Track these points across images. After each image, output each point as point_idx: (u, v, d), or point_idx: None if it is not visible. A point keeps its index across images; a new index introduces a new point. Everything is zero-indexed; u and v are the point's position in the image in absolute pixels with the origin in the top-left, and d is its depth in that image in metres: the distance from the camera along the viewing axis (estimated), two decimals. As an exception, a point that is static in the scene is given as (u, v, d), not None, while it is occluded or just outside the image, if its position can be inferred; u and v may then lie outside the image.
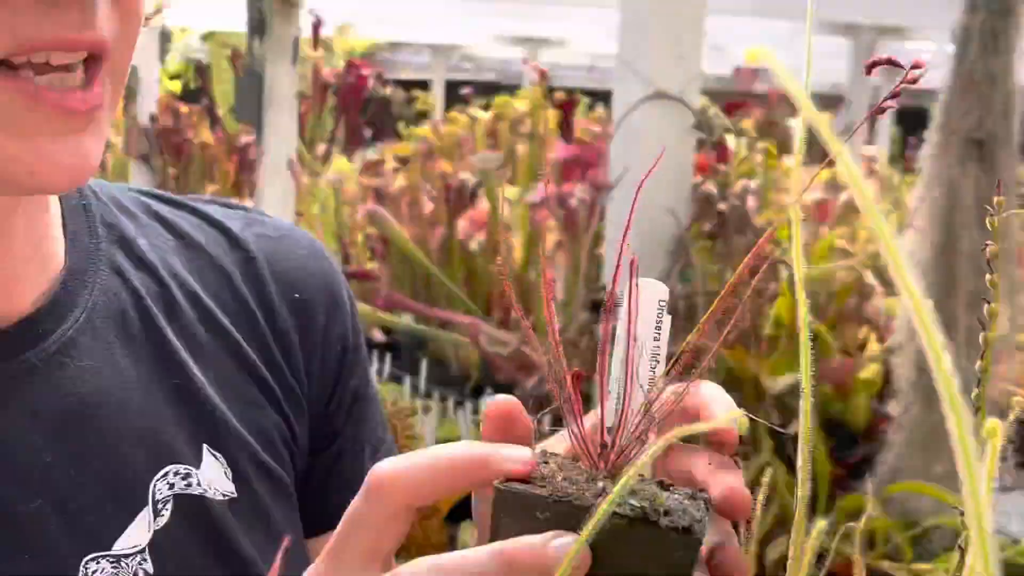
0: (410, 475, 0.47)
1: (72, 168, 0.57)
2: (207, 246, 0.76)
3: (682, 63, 2.25)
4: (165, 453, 0.68)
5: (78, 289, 0.68)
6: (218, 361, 0.73)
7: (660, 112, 2.23)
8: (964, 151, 2.20)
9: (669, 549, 0.45)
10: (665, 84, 2.23)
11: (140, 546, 0.66)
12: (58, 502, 0.63)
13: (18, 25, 0.54)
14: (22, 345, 0.64)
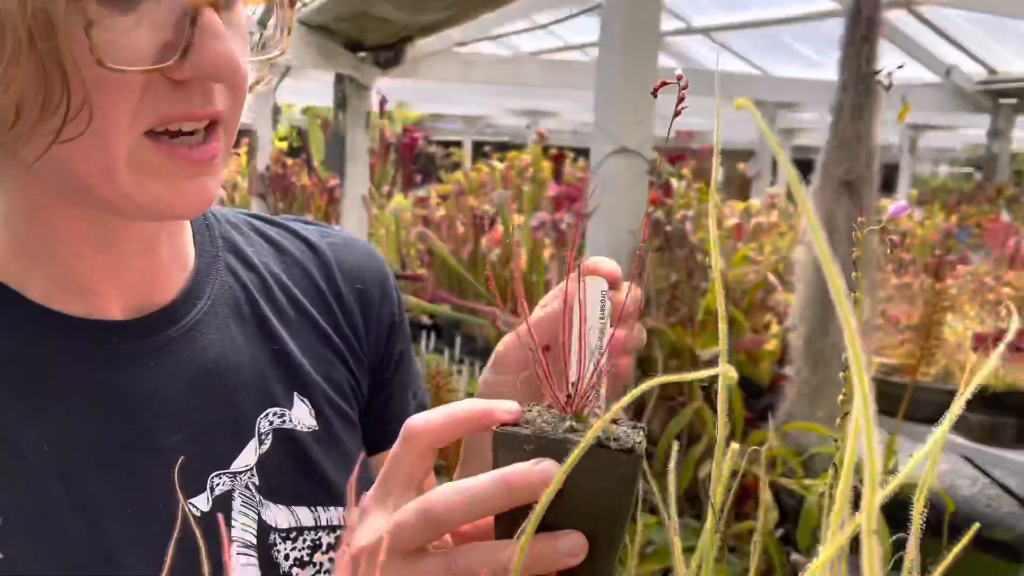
0: (432, 426, 0.47)
1: (198, 201, 0.57)
2: (293, 251, 0.75)
3: (639, 127, 2.24)
4: (267, 399, 0.68)
5: (204, 284, 0.68)
6: (303, 333, 0.72)
7: (624, 162, 2.22)
8: (838, 189, 2.19)
9: (617, 465, 0.45)
10: (627, 142, 2.22)
11: (249, 466, 0.65)
12: (192, 435, 0.63)
13: (159, 107, 0.53)
14: (166, 324, 0.64)
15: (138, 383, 0.61)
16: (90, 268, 0.60)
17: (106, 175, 0.54)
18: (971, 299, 3.23)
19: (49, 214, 0.58)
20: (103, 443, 0.59)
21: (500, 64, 4.46)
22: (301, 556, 0.66)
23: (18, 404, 0.57)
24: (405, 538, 0.44)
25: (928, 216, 5.97)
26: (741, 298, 2.71)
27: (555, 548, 0.44)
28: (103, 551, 0.57)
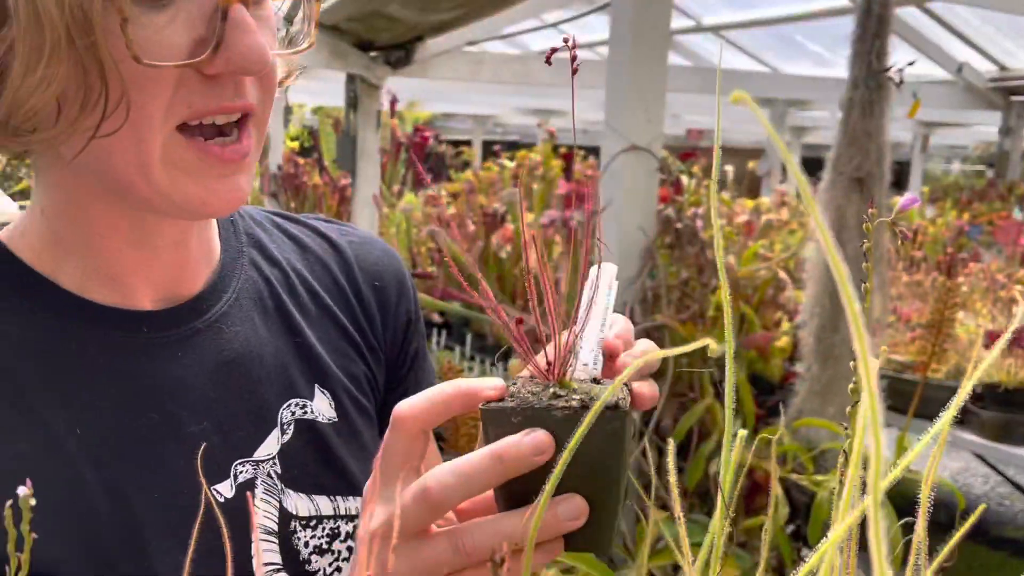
0: (419, 409, 0.47)
1: (230, 199, 0.58)
2: (315, 248, 0.77)
3: (649, 126, 2.24)
4: (289, 390, 0.69)
5: (229, 278, 0.69)
6: (323, 327, 0.73)
7: (634, 160, 2.23)
8: (849, 186, 2.18)
9: (604, 422, 0.45)
10: (637, 140, 2.22)
11: (272, 455, 0.66)
12: (217, 423, 0.64)
13: (192, 100, 0.55)
14: (192, 315, 0.65)
15: (165, 372, 0.62)
16: (124, 261, 0.62)
17: (142, 172, 0.55)
18: (983, 296, 3.22)
19: (87, 210, 0.60)
20: (131, 429, 0.60)
21: (509, 63, 4.46)
22: (320, 544, 0.67)
23: (52, 389, 0.58)
24: (407, 523, 0.45)
25: (940, 214, 5.94)
26: (752, 295, 2.71)
27: (556, 515, 0.45)
28: (132, 533, 0.58)
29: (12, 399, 0.57)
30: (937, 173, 14.00)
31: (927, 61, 4.88)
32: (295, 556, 0.66)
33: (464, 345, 3.34)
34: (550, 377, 0.49)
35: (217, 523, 0.46)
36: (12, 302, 0.60)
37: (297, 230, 0.78)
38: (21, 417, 0.57)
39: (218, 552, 0.48)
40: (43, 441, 0.57)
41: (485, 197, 4.00)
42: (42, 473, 0.55)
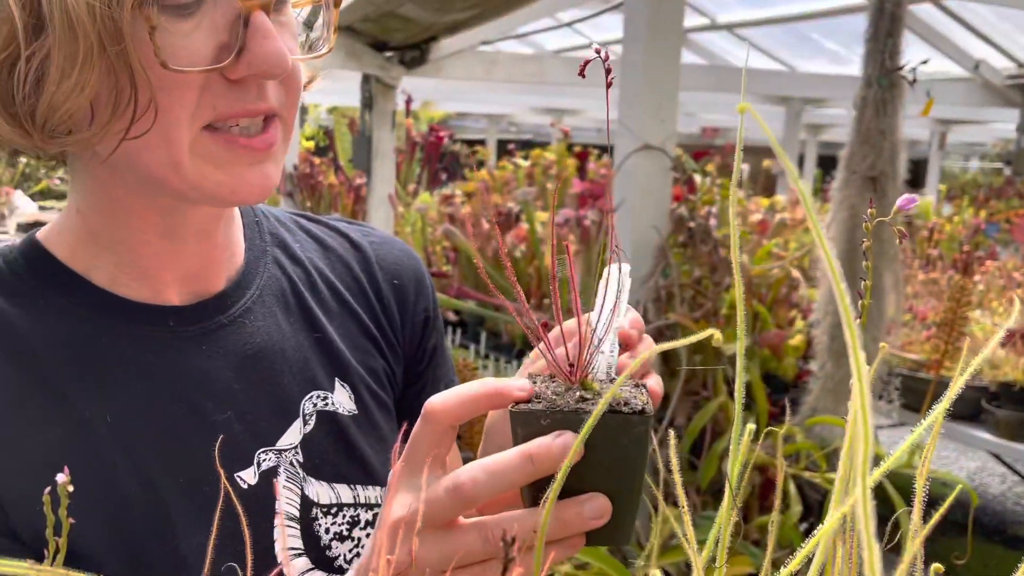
0: (451, 405, 0.48)
1: (259, 186, 0.60)
2: (336, 248, 0.79)
3: (662, 125, 2.25)
4: (310, 383, 0.71)
5: (253, 275, 0.71)
6: (344, 323, 0.75)
7: (647, 159, 2.23)
8: (863, 185, 2.19)
9: (632, 426, 0.47)
10: (650, 139, 2.23)
11: (294, 444, 0.69)
12: (241, 413, 0.66)
13: (217, 104, 0.57)
14: (217, 310, 0.68)
15: (191, 364, 0.65)
16: (154, 254, 0.64)
17: (173, 168, 0.57)
18: (999, 295, 3.21)
19: (121, 203, 0.63)
20: (159, 418, 0.63)
21: (524, 62, 4.47)
22: (340, 531, 0.69)
23: (84, 380, 0.61)
24: (438, 514, 0.47)
25: (957, 211, 5.90)
26: (765, 293, 2.71)
27: (581, 512, 0.47)
28: (160, 516, 0.61)
29: (48, 388, 0.60)
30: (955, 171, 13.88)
31: (944, 58, 4.86)
32: (316, 542, 0.68)
33: (479, 343, 3.36)
34: (573, 378, 0.51)
35: (241, 508, 0.48)
36: (49, 298, 0.62)
37: (319, 230, 0.80)
38: (56, 405, 0.60)
39: (241, 536, 0.50)
40: (76, 428, 0.60)
41: (500, 196, 4.02)
42: (75, 458, 0.58)
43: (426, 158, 5.27)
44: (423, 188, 5.07)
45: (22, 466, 0.57)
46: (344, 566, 0.69)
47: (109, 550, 0.58)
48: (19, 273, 0.63)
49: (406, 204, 4.31)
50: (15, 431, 0.58)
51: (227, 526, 0.47)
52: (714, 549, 0.53)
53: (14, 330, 0.60)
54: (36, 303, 0.62)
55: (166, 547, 0.60)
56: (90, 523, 0.58)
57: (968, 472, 4.41)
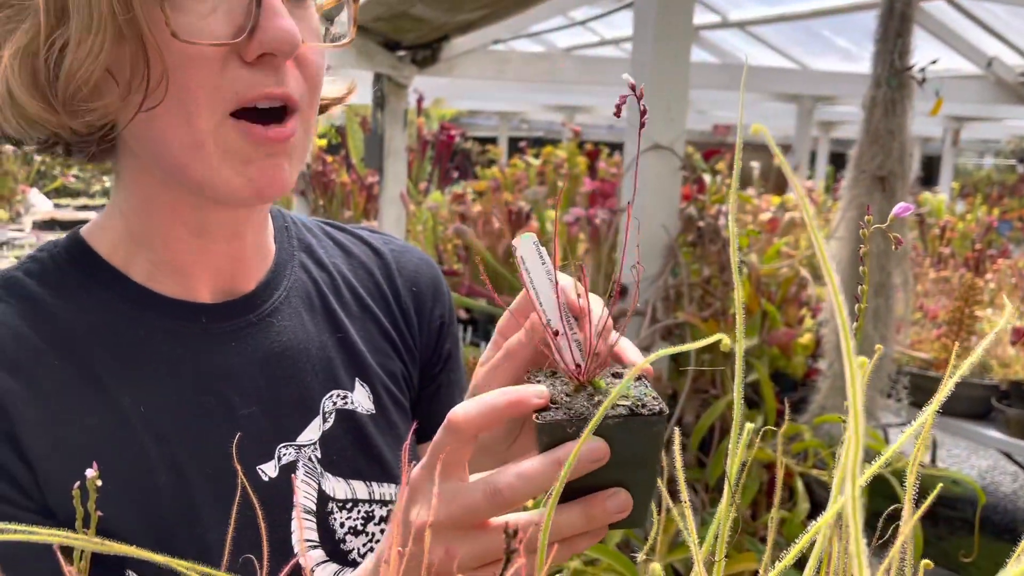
0: (474, 417, 0.50)
1: (275, 181, 0.62)
2: (359, 254, 0.82)
3: (672, 124, 2.26)
4: (332, 381, 0.74)
5: (280, 278, 0.74)
6: (365, 326, 0.78)
7: (657, 158, 2.25)
8: (871, 184, 2.19)
9: (651, 426, 0.51)
10: (660, 139, 2.24)
11: (313, 441, 0.71)
12: (264, 408, 0.69)
13: (238, 89, 0.59)
14: (246, 309, 0.71)
15: (220, 360, 0.68)
16: (187, 251, 0.68)
17: (194, 152, 0.60)
18: (1010, 293, 3.20)
19: (156, 203, 0.66)
20: (189, 410, 0.66)
21: (535, 61, 4.48)
22: (355, 525, 0.72)
23: (121, 370, 0.64)
24: (474, 517, 0.49)
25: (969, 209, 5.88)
26: (774, 292, 2.72)
27: (606, 508, 0.50)
28: (187, 504, 0.64)
29: (88, 377, 0.63)
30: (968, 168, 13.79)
31: (956, 56, 4.84)
32: (331, 535, 0.71)
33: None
34: (582, 377, 0.53)
35: (261, 500, 0.51)
36: (91, 291, 0.66)
37: (344, 237, 0.83)
38: (95, 394, 0.63)
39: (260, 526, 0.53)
40: (111, 417, 0.63)
41: (511, 194, 4.03)
42: (110, 445, 0.62)
43: (437, 156, 5.29)
44: (434, 186, 5.09)
45: (61, 449, 0.60)
46: (358, 560, 0.72)
47: (139, 535, 0.61)
48: (63, 268, 0.66)
49: (417, 202, 4.33)
50: (56, 416, 0.61)
51: (248, 516, 0.50)
52: (714, 544, 0.54)
53: (58, 321, 0.64)
54: (78, 296, 0.65)
55: (192, 534, 0.63)
56: (122, 508, 0.61)
57: (979, 471, 4.40)
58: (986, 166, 14.40)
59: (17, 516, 0.58)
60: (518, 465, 0.49)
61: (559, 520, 0.49)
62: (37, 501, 0.59)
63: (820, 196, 4.72)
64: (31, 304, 0.64)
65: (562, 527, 0.50)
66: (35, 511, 0.59)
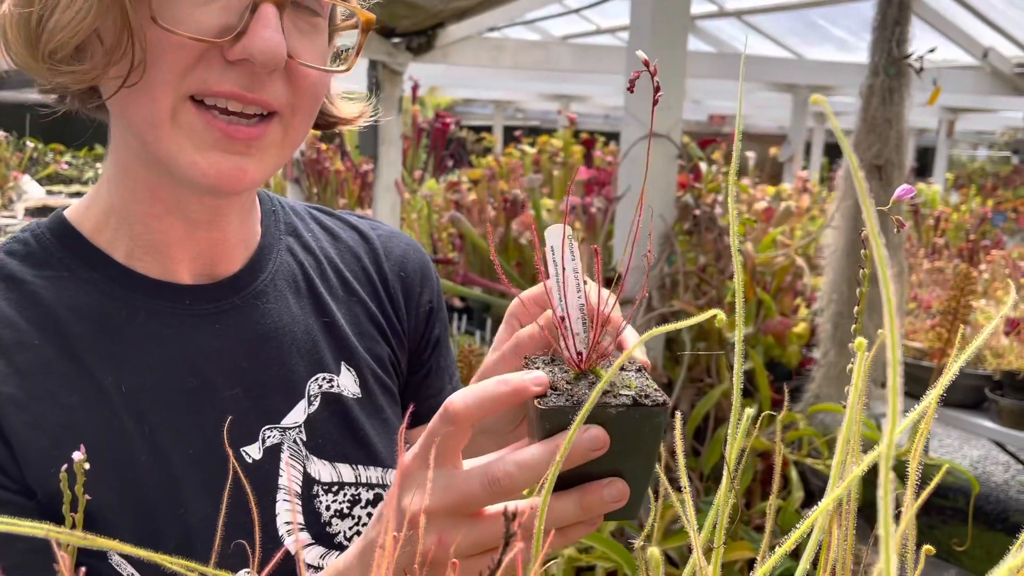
0: (471, 405, 0.50)
1: (232, 178, 0.61)
2: (346, 239, 0.82)
3: (668, 113, 2.25)
4: (318, 365, 0.73)
5: (266, 260, 0.74)
6: (351, 310, 0.78)
7: (654, 147, 2.24)
8: (868, 173, 2.19)
9: (653, 417, 0.50)
10: (657, 127, 2.24)
11: (298, 423, 0.71)
12: (248, 390, 0.69)
13: (208, 78, 0.59)
14: (231, 291, 0.71)
15: (204, 341, 0.68)
16: (164, 229, 0.67)
17: (153, 129, 0.60)
18: (1004, 283, 3.21)
19: (134, 177, 0.66)
20: (171, 390, 0.66)
21: (531, 48, 4.47)
22: (341, 508, 0.72)
23: (103, 349, 0.64)
24: (472, 505, 0.49)
25: (964, 200, 5.89)
26: (769, 281, 2.72)
27: (602, 497, 0.49)
28: (168, 483, 0.64)
29: (70, 356, 0.63)
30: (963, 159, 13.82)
31: (952, 46, 4.83)
32: (317, 518, 0.71)
33: (484, 329, 3.38)
34: (583, 366, 0.53)
35: (244, 480, 0.50)
36: (74, 270, 0.66)
37: (332, 222, 0.83)
38: (77, 372, 0.63)
39: (244, 507, 0.53)
40: (94, 394, 0.63)
41: (506, 183, 4.02)
42: (91, 424, 0.62)
43: (432, 144, 5.27)
44: (429, 175, 5.08)
45: (42, 427, 0.60)
46: (344, 543, 0.72)
47: (120, 514, 0.61)
48: (47, 247, 0.67)
49: (412, 191, 4.32)
50: (38, 394, 0.61)
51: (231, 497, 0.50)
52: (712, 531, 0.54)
53: (41, 300, 0.64)
54: (62, 275, 0.65)
55: (174, 514, 0.63)
56: (103, 486, 0.61)
57: (971, 460, 4.42)
58: (980, 157, 14.43)
59: None
60: (516, 454, 0.49)
61: (554, 508, 0.49)
62: (16, 479, 0.59)
63: (815, 186, 4.72)
64: (13, 284, 0.64)
65: (557, 515, 0.49)
66: (14, 490, 0.59)
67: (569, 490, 0.50)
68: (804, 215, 3.57)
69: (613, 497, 0.50)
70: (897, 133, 2.14)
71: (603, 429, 0.48)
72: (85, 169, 8.74)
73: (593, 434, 0.48)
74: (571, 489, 0.50)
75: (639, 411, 0.49)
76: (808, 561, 0.47)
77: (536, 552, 0.40)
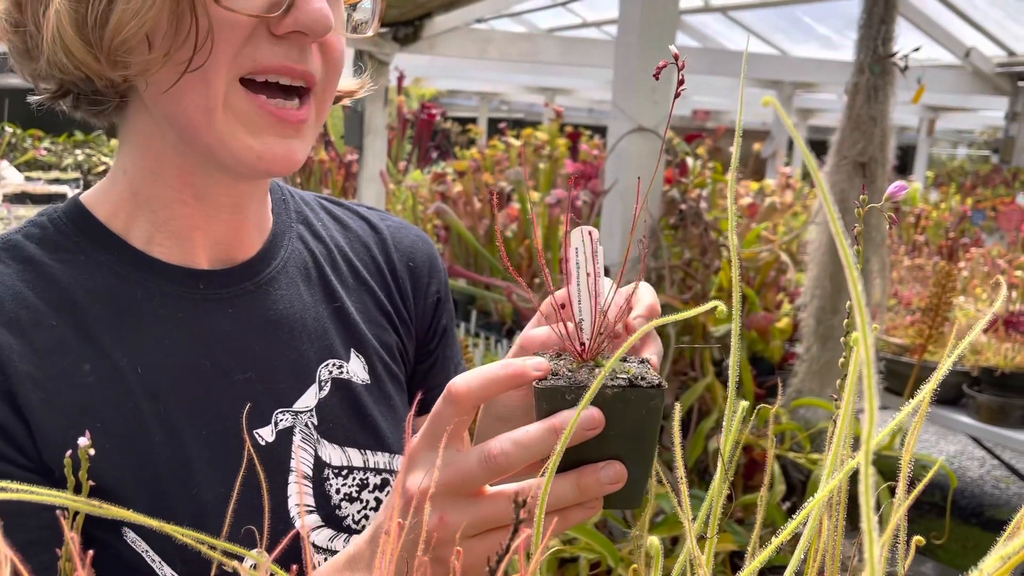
0: (475, 387, 0.51)
1: (284, 159, 0.63)
2: (356, 229, 0.83)
3: (656, 107, 2.26)
4: (328, 351, 0.74)
5: (278, 248, 0.75)
6: (361, 298, 0.79)
7: (640, 141, 2.25)
8: (852, 170, 2.21)
9: (650, 399, 0.50)
10: (644, 121, 2.24)
11: (310, 408, 0.72)
12: (261, 374, 0.70)
13: (257, 55, 0.60)
14: (244, 277, 0.71)
15: (218, 325, 0.68)
16: (189, 215, 0.68)
17: (207, 115, 0.60)
18: (983, 281, 3.25)
19: (164, 163, 0.66)
20: (185, 372, 0.66)
21: (517, 40, 4.46)
22: (350, 492, 0.73)
23: (119, 331, 0.65)
24: (470, 483, 0.50)
25: (944, 198, 5.95)
26: (754, 276, 2.74)
27: (599, 479, 0.50)
28: (181, 463, 0.64)
29: (86, 336, 0.64)
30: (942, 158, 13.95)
31: (935, 45, 4.88)
32: (327, 500, 0.72)
33: (469, 322, 3.37)
34: (586, 355, 0.53)
35: (258, 463, 0.50)
36: (90, 254, 0.66)
37: (341, 212, 0.84)
38: (93, 353, 0.64)
39: (256, 488, 0.53)
40: (109, 375, 0.63)
41: (491, 175, 4.02)
42: (106, 403, 0.62)
43: (417, 136, 5.26)
44: (414, 166, 5.06)
45: (58, 406, 0.61)
46: (352, 526, 0.73)
47: (133, 492, 0.62)
48: (63, 231, 0.67)
49: (397, 182, 4.30)
50: (54, 373, 0.62)
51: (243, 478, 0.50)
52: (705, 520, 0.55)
53: (58, 282, 0.65)
54: (78, 258, 0.66)
55: (187, 493, 0.64)
56: (116, 464, 0.61)
57: (947, 456, 4.48)
58: (960, 156, 14.58)
59: (12, 473, 0.58)
60: (513, 432, 0.50)
61: (552, 489, 0.49)
62: (33, 458, 0.60)
63: (797, 183, 4.75)
64: (31, 266, 0.65)
65: (556, 497, 0.50)
66: (31, 469, 0.59)
67: (566, 472, 0.50)
68: (787, 211, 3.59)
69: (610, 479, 0.50)
70: (882, 131, 2.16)
71: (598, 409, 0.49)
72: (64, 155, 8.64)
73: (588, 414, 0.48)
74: (568, 472, 0.50)
75: (635, 392, 0.50)
76: (802, 550, 0.47)
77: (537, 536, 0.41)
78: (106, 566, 0.58)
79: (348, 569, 0.53)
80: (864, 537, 0.31)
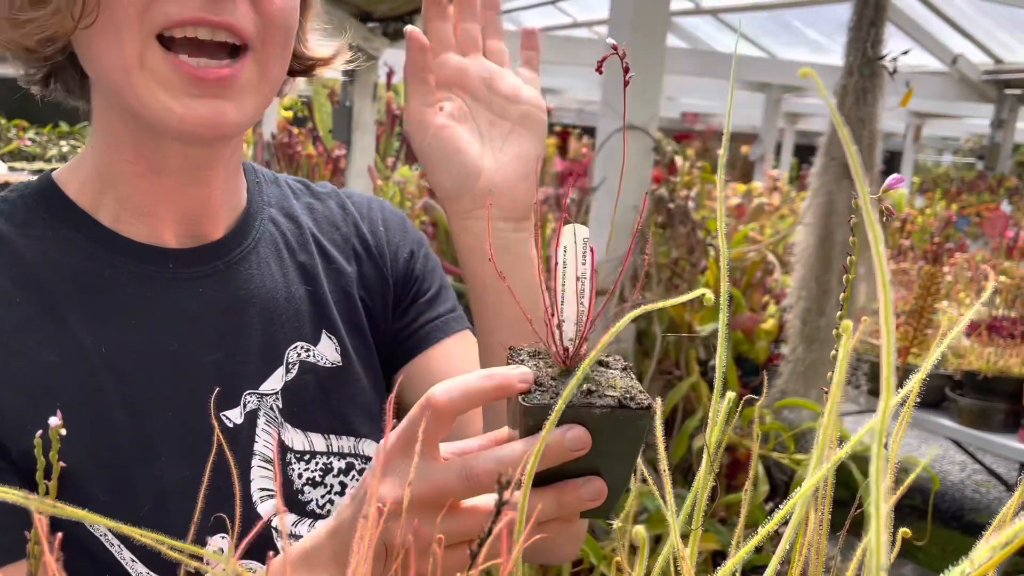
0: (455, 398, 0.49)
1: (209, 121, 0.60)
2: (324, 210, 0.82)
3: (646, 106, 2.26)
4: (297, 333, 0.73)
5: (250, 227, 0.74)
6: (329, 278, 0.78)
7: (629, 140, 2.24)
8: (839, 172, 2.22)
9: (637, 420, 0.49)
10: (633, 120, 2.24)
11: (276, 390, 0.71)
12: (230, 355, 0.68)
13: (169, 9, 0.58)
14: (215, 256, 0.70)
15: (186, 304, 0.67)
16: (149, 190, 0.66)
17: (124, 75, 0.59)
18: (966, 286, 3.27)
19: (118, 136, 0.65)
20: (152, 353, 0.65)
21: (507, 39, 4.45)
22: (313, 477, 0.72)
23: (85, 310, 0.64)
24: (444, 497, 0.48)
25: (929, 204, 5.99)
26: (740, 277, 2.74)
27: (580, 496, 0.49)
28: (145, 444, 0.63)
29: (51, 314, 0.62)
30: (928, 164, 14.06)
31: (922, 51, 4.91)
32: (290, 486, 0.71)
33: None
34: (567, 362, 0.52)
35: (223, 444, 0.49)
36: (57, 231, 0.65)
37: (310, 194, 0.83)
38: (57, 331, 0.62)
39: (220, 471, 0.52)
40: (72, 353, 0.62)
41: (479, 173, 4.00)
42: (67, 382, 0.61)
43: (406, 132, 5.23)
44: (402, 162, 5.04)
45: (17, 385, 0.60)
46: (316, 510, 0.72)
47: (93, 472, 0.61)
48: (32, 207, 0.66)
49: (385, 177, 4.28)
50: (15, 351, 0.61)
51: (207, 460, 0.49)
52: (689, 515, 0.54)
53: (23, 259, 0.63)
54: (46, 235, 0.65)
55: (150, 474, 0.63)
56: (77, 445, 0.60)
57: (930, 458, 4.51)
58: (945, 163, 14.69)
59: None
60: (498, 450, 0.49)
61: (533, 504, 0.47)
62: None
63: (784, 185, 4.77)
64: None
65: (540, 511, 0.48)
66: None
67: (548, 487, 0.49)
68: (774, 212, 3.60)
69: (591, 496, 0.49)
70: (870, 133, 2.17)
71: (586, 429, 0.48)
72: (49, 146, 8.57)
73: (576, 434, 0.47)
74: (550, 486, 0.50)
75: (623, 413, 0.48)
76: (787, 542, 0.47)
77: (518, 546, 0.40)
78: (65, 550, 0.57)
79: (304, 565, 0.52)
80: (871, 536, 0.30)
